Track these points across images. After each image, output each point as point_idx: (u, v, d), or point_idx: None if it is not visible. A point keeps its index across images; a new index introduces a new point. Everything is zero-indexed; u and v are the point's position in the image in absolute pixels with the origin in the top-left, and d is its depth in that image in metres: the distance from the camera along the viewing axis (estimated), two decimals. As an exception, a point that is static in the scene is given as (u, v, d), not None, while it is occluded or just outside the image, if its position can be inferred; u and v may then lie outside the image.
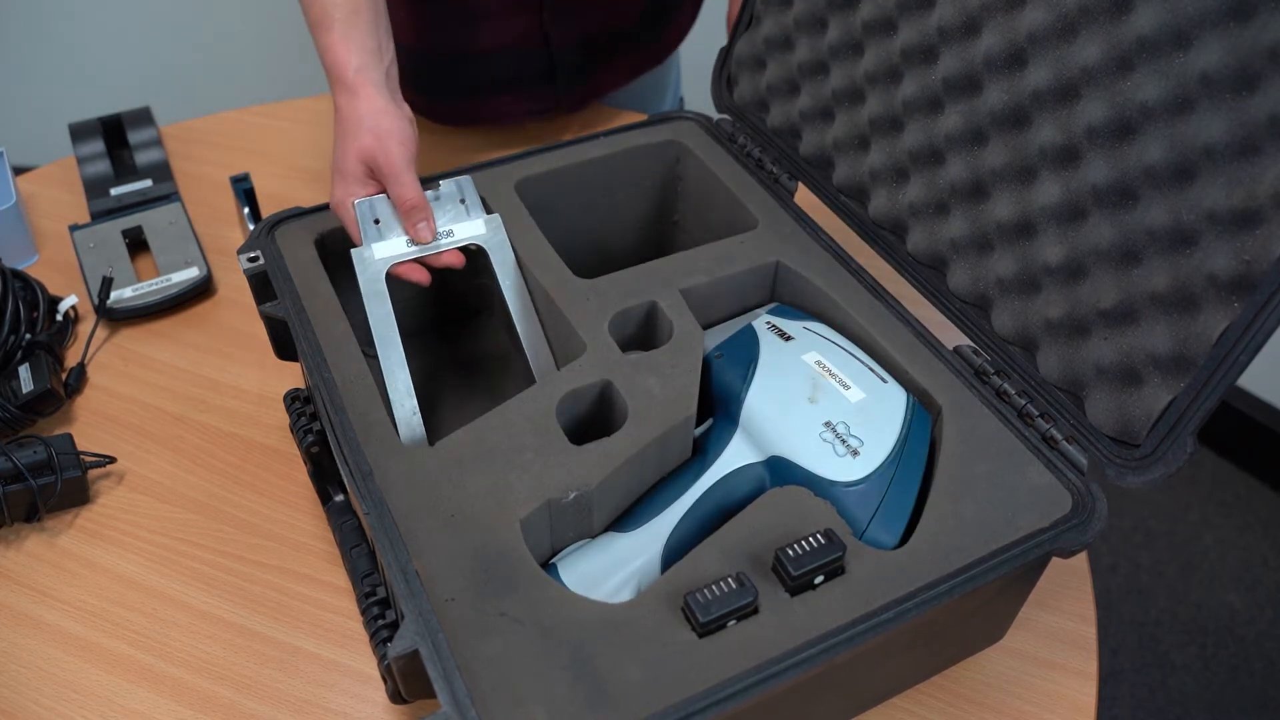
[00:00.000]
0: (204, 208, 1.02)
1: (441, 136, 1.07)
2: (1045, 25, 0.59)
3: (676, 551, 0.58)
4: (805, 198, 0.77)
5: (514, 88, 1.03)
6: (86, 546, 0.73)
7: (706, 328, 0.69)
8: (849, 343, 0.65)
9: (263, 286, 0.70)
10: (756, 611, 0.51)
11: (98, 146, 1.05)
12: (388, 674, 0.55)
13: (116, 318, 0.89)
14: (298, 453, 0.78)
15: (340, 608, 0.69)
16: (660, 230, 0.87)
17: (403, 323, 0.67)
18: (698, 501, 0.60)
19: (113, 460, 0.77)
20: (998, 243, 0.65)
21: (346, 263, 0.69)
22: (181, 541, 0.74)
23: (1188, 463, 0.55)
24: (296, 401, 0.71)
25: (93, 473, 0.77)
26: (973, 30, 0.64)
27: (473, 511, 0.55)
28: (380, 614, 0.59)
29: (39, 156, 1.45)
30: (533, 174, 0.77)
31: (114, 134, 1.06)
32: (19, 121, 2.14)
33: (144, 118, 1.08)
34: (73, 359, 0.87)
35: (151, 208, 0.99)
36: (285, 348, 0.71)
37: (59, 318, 0.88)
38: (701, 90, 0.95)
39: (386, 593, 0.60)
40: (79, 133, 1.05)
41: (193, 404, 0.84)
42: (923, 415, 0.61)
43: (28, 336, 0.83)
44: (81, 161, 1.04)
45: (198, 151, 1.10)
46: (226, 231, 1.00)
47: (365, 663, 0.67)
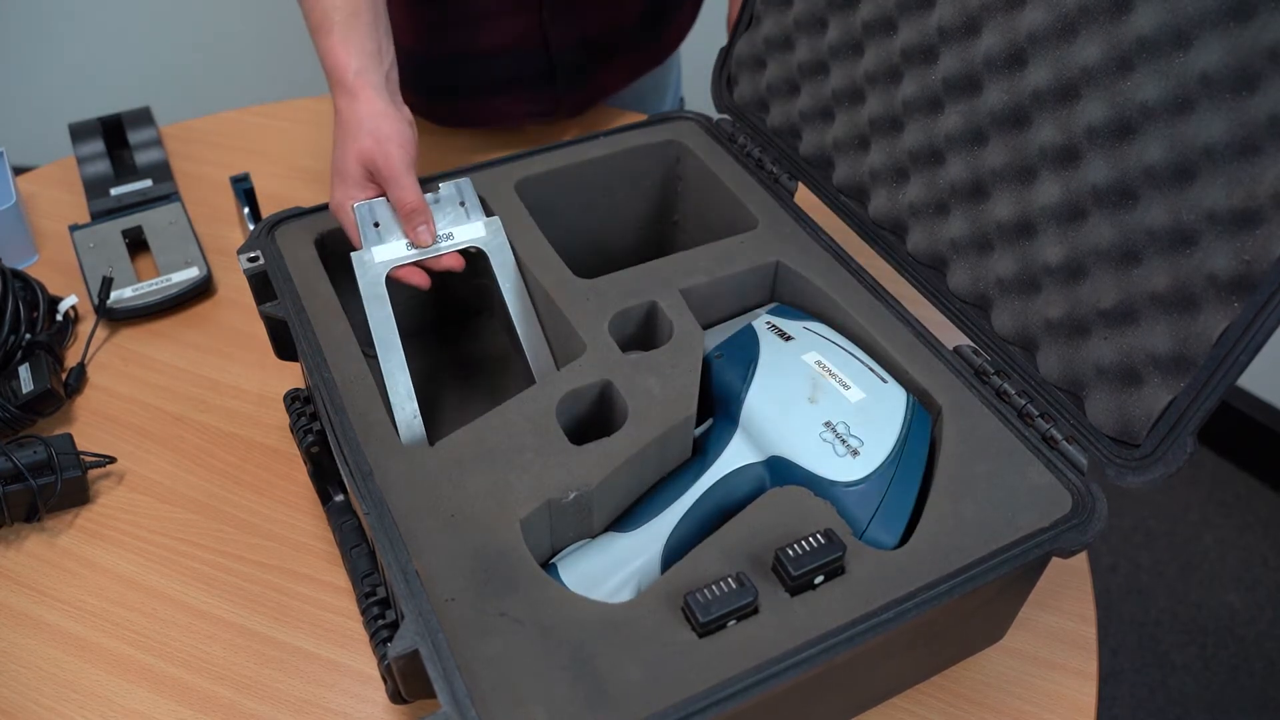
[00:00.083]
0: (204, 208, 1.02)
1: (441, 138, 1.07)
2: (1045, 25, 0.59)
3: (676, 551, 0.58)
4: (805, 198, 0.77)
5: (514, 89, 1.03)
6: (86, 546, 0.73)
7: (706, 328, 0.69)
8: (849, 343, 0.65)
9: (263, 286, 0.70)
10: (756, 611, 0.51)
11: (98, 146, 1.05)
12: (388, 674, 0.55)
13: (116, 318, 0.89)
14: (298, 453, 0.78)
15: (340, 608, 0.70)
16: (660, 230, 0.87)
17: (402, 323, 0.67)
18: (698, 501, 0.60)
19: (113, 460, 0.77)
20: (998, 243, 0.65)
21: (346, 263, 0.69)
22: (181, 541, 0.74)
23: (1188, 463, 0.55)
24: (296, 401, 0.71)
25: (93, 473, 0.77)
26: (973, 30, 0.64)
27: (473, 511, 0.55)
28: (380, 614, 0.59)
29: (39, 156, 1.45)
30: (533, 174, 0.77)
31: (114, 134, 1.06)
32: (19, 121, 2.14)
33: (144, 118, 1.08)
34: (73, 359, 0.87)
35: (151, 208, 0.99)
36: (285, 348, 0.71)
37: (59, 318, 0.87)
38: (701, 90, 0.95)
39: (386, 593, 0.60)
40: (79, 133, 1.05)
41: (193, 404, 0.84)
42: (923, 415, 0.61)
43: (28, 336, 0.83)
44: (81, 161, 1.04)
45: (198, 151, 1.10)
46: (226, 231, 1.00)
47: (365, 663, 0.67)
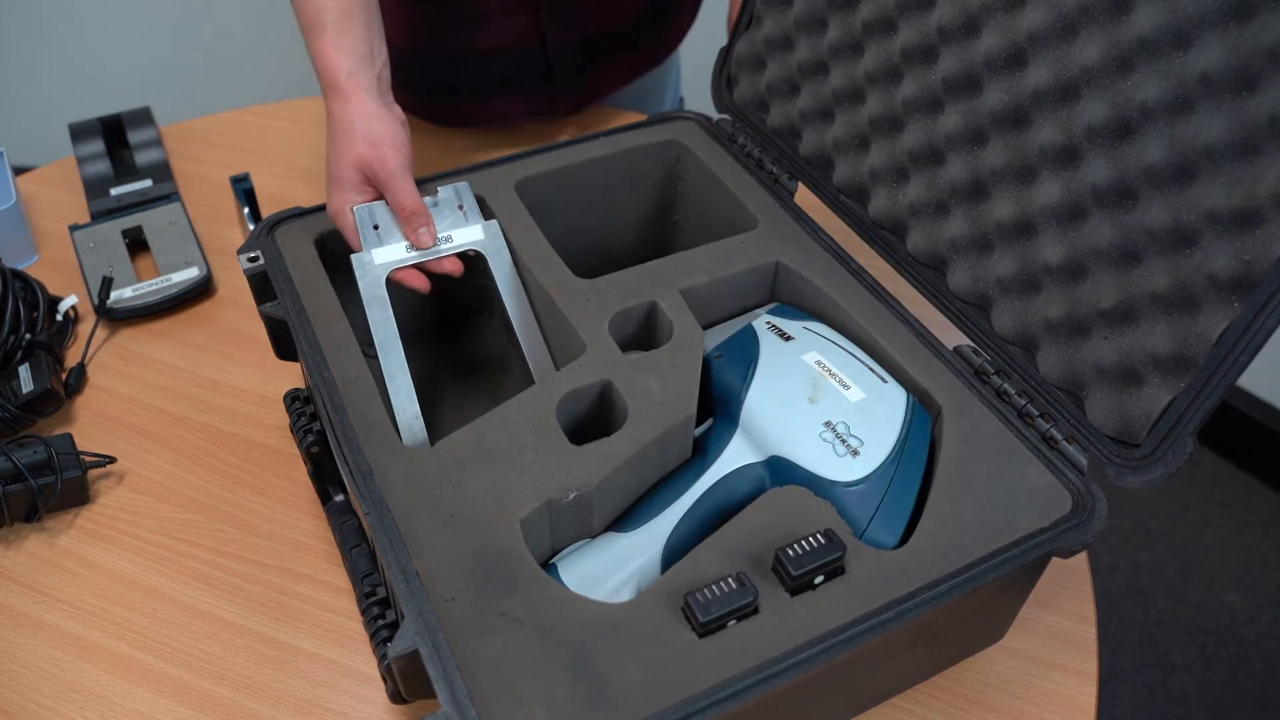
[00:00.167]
0: (204, 208, 1.02)
1: (440, 138, 1.07)
2: (1045, 25, 0.59)
3: (676, 551, 0.58)
4: (805, 198, 0.77)
5: (512, 88, 1.03)
6: (86, 546, 0.73)
7: (706, 328, 0.69)
8: (849, 343, 0.65)
9: (263, 286, 0.70)
10: (756, 611, 0.51)
11: (98, 146, 1.05)
12: (388, 674, 0.55)
13: (116, 318, 0.89)
14: (298, 453, 0.78)
15: (340, 608, 0.69)
16: (660, 230, 0.87)
17: (402, 324, 0.67)
18: (698, 501, 0.60)
19: (113, 460, 0.77)
20: (998, 243, 0.65)
21: (346, 263, 0.69)
22: (181, 541, 0.74)
23: (1188, 463, 0.55)
24: (296, 401, 0.71)
25: (93, 473, 0.77)
26: (973, 30, 0.64)
27: (473, 511, 0.55)
28: (380, 614, 0.59)
29: (39, 156, 1.45)
30: (532, 174, 0.77)
31: (114, 134, 1.06)
32: (19, 121, 2.14)
33: (144, 118, 1.08)
34: (73, 359, 0.87)
35: (151, 208, 0.99)
36: (285, 348, 0.71)
37: (59, 318, 0.87)
38: (701, 90, 0.95)
39: (386, 593, 0.60)
40: (79, 133, 1.05)
41: (193, 404, 0.84)
42: (923, 415, 0.61)
43: (28, 336, 0.83)
44: (81, 161, 1.04)
45: (198, 151, 1.10)
46: (226, 231, 1.00)
47: (365, 663, 0.67)
